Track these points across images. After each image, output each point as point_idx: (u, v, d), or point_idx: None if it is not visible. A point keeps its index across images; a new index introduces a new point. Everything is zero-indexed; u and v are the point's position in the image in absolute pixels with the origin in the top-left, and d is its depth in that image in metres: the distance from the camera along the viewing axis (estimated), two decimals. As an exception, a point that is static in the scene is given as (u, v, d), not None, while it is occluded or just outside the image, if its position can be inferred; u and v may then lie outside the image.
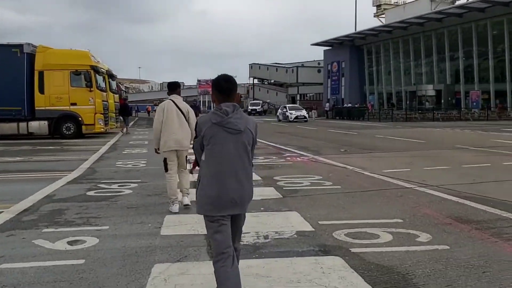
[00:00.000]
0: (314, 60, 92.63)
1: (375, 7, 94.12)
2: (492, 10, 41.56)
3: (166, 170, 5.75)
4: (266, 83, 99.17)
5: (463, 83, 47.66)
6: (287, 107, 38.58)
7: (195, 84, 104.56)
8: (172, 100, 5.77)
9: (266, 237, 4.49)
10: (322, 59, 74.45)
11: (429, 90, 50.33)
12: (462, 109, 39.31)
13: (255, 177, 8.35)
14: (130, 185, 7.60)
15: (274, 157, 11.48)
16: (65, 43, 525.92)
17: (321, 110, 53.77)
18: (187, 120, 5.73)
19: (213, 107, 3.42)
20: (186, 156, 5.87)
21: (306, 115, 38.08)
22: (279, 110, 39.75)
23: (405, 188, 7.10)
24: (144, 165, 10.25)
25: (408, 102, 52.45)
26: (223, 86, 2.86)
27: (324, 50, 69.57)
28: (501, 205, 5.81)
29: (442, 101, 48.24)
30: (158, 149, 5.82)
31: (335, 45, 65.91)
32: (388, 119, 36.70)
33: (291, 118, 35.96)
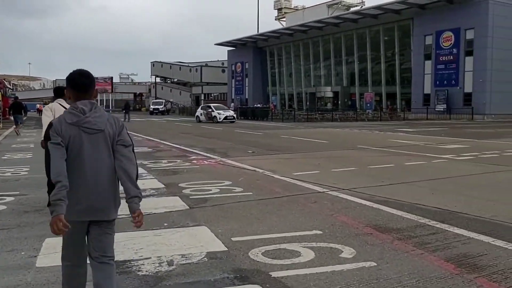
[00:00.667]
0: (218, 60, 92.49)
1: (276, 10, 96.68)
2: (384, 17, 44.39)
3: None
4: (169, 81, 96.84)
5: (358, 85, 50.48)
6: (212, 107, 35.82)
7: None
8: (60, 104, 5.67)
9: (170, 263, 3.76)
10: (225, 59, 74.54)
11: (327, 92, 52.65)
12: (358, 110, 41.45)
13: (157, 184, 7.54)
14: (5, 199, 6.36)
15: (179, 161, 10.69)
16: None
17: (226, 110, 53.43)
18: None
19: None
20: None
21: (235, 116, 36.15)
22: (201, 110, 36.54)
23: (318, 193, 6.77)
24: (26, 173, 8.87)
25: (308, 103, 54.32)
26: (79, 82, 2.58)
27: (228, 51, 69.64)
28: (415, 209, 5.67)
29: (339, 102, 50.68)
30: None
31: (238, 46, 66.25)
32: (291, 120, 37.42)
33: (219, 118, 33.42)
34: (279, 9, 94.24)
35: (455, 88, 38.21)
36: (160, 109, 61.09)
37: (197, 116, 36.19)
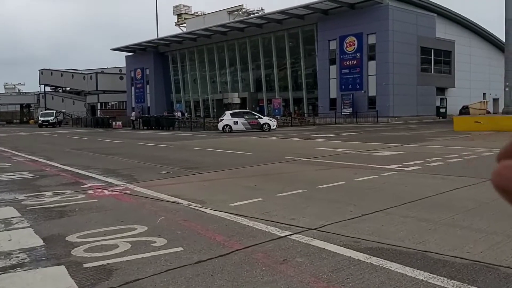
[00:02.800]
0: (115, 67, 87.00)
1: (176, 16, 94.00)
2: (288, 22, 44.00)
3: None
4: (60, 91, 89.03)
5: (266, 91, 49.66)
6: (256, 113, 30.59)
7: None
8: None
9: None
10: (124, 65, 70.05)
11: (235, 98, 51.09)
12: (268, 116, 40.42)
13: (31, 240, 4.90)
14: None
15: (69, 191, 7.97)
16: None
17: (126, 119, 49.56)
18: None
19: None
20: None
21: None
22: (234, 118, 28.94)
23: (279, 239, 4.70)
24: None
25: (215, 110, 52.37)
26: None
27: (126, 56, 65.40)
28: (444, 265, 3.83)
29: (247, 108, 49.41)
30: None
31: (137, 51, 62.42)
32: (199, 128, 35.16)
33: (273, 126, 28.88)
34: (179, 15, 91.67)
35: (360, 92, 38.73)
36: (50, 121, 55.12)
37: (227, 125, 28.44)
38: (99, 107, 72.81)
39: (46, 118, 55.96)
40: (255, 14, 53.93)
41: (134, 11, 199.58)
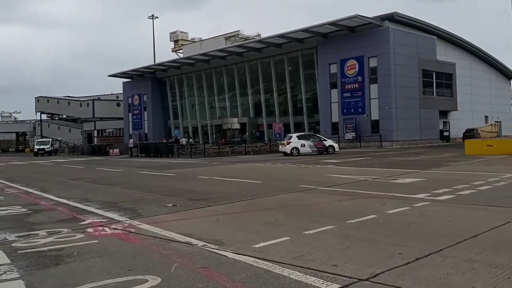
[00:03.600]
0: (112, 94, 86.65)
1: (173, 42, 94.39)
2: (288, 46, 43.76)
3: None
4: (57, 118, 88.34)
5: (266, 116, 49.06)
6: (320, 136, 30.89)
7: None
8: None
9: None
10: (121, 92, 69.65)
11: (234, 123, 50.41)
12: (267, 141, 39.72)
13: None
14: None
15: (66, 230, 7.04)
16: None
17: (124, 146, 48.71)
18: None
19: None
20: None
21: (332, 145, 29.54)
22: (301, 141, 28.78)
23: (327, 296, 3.78)
24: None
25: (214, 136, 51.66)
26: None
27: (123, 82, 65.01)
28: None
29: (247, 133, 48.69)
30: None
31: (135, 77, 62.08)
32: (199, 155, 34.31)
33: (336, 148, 29.15)
34: (176, 41, 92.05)
35: (363, 116, 38.12)
36: (46, 149, 54.16)
37: (295, 148, 28.12)
38: (95, 134, 72.02)
39: (41, 147, 55.02)
40: (254, 39, 53.81)
41: (130, 39, 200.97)
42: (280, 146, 29.99)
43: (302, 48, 43.28)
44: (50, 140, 59.46)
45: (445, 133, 41.00)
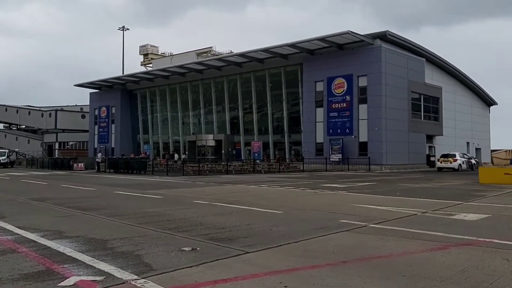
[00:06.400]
0: (76, 105, 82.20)
1: (142, 55, 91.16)
2: (271, 62, 41.74)
3: None
4: (14, 128, 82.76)
5: (243, 133, 46.54)
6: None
7: None
8: None
9: None
10: (86, 104, 65.70)
11: (209, 140, 47.47)
12: (244, 159, 37.14)
13: None
14: None
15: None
16: None
17: (89, 161, 44.86)
18: None
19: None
20: None
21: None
22: (461, 158, 35.45)
23: None
24: None
25: (187, 153, 48.57)
26: None
27: (91, 93, 61.16)
28: None
29: (223, 151, 45.87)
30: None
31: (103, 88, 58.49)
32: (175, 172, 31.31)
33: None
34: (145, 55, 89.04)
35: (350, 137, 36.22)
36: (1, 161, 49.50)
37: (459, 164, 34.33)
38: (57, 146, 67.37)
39: (-4, 158, 50.29)
40: (235, 52, 51.57)
41: (97, 52, 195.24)
42: (439, 163, 34.82)
43: (286, 64, 41.30)
44: (7, 151, 54.60)
45: (432, 158, 39.61)
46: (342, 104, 36.74)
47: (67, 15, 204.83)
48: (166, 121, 54.68)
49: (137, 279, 4.90)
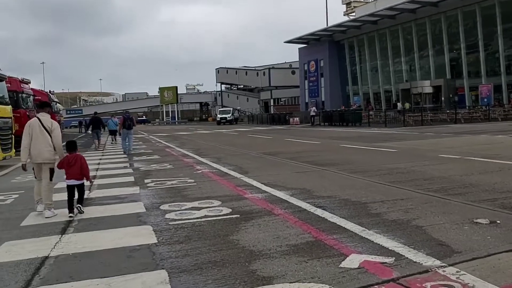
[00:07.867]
0: (285, 62, 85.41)
1: (345, 5, 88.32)
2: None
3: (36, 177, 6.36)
4: (235, 88, 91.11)
5: (467, 77, 40.77)
6: None
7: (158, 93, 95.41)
8: (38, 118, 6.26)
9: None
10: (294, 60, 67.21)
11: (426, 86, 43.17)
12: (480, 106, 32.34)
13: None
14: None
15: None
16: (26, 57, 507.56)
17: (303, 115, 45.95)
18: (50, 135, 6.24)
19: None
20: (52, 169, 6.24)
21: None
22: None
23: None
24: None
25: (408, 103, 45.21)
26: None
27: (299, 48, 62.04)
28: None
29: (443, 98, 41.23)
30: (25, 165, 6.33)
31: (311, 42, 58.53)
32: (393, 123, 29.16)
33: None
34: (348, 4, 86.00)
35: None
36: (227, 118, 54.83)
37: None
38: (272, 103, 71.53)
39: (223, 116, 55.98)
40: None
41: (296, 10, 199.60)
42: None
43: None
44: (231, 109, 60.31)
45: None
46: None
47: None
48: (376, 70, 51.92)
49: (443, 266, 3.60)
